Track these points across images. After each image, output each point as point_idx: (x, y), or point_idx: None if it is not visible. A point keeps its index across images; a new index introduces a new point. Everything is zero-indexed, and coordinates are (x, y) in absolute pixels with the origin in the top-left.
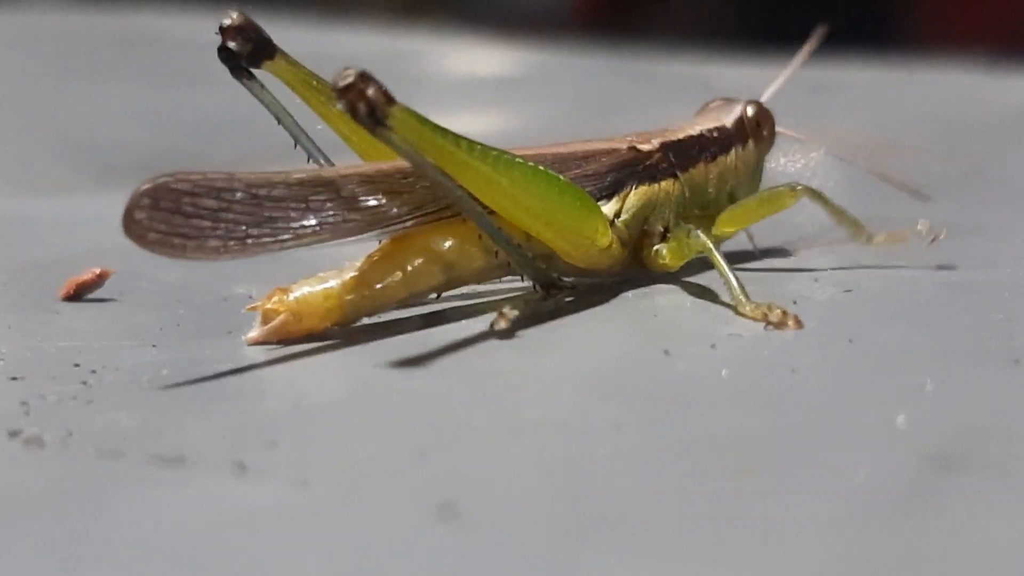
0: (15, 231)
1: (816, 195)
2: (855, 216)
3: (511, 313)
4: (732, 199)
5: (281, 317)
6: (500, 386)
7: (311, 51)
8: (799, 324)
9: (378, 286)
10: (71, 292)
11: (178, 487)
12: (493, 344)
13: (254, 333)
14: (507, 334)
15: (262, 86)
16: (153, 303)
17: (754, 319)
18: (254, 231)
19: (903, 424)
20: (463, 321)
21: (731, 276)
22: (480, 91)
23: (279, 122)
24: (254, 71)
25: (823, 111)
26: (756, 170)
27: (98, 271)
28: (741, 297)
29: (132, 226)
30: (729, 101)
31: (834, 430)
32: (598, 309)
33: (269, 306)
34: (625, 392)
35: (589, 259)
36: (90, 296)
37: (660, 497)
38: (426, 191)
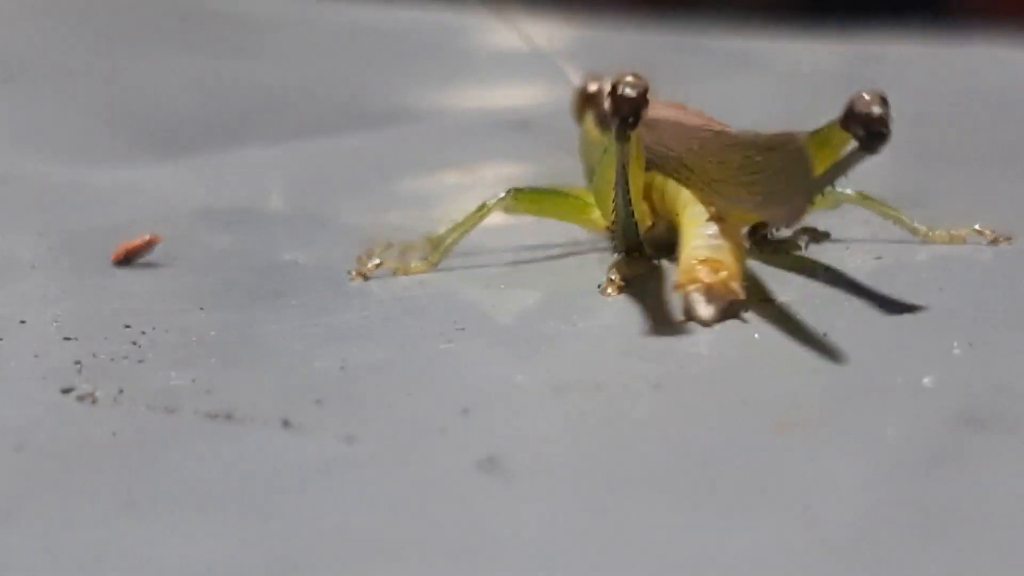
0: (70, 198)
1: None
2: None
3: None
4: None
5: (736, 286)
6: (540, 348)
7: (363, 26)
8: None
9: (742, 242)
10: (122, 256)
11: (228, 441)
12: (532, 307)
13: (709, 312)
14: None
15: None
16: (201, 268)
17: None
18: None
19: (933, 384)
20: (501, 285)
21: None
22: (529, 66)
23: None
24: None
25: (866, 83)
26: None
27: (148, 236)
28: None
29: None
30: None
31: (865, 390)
32: (638, 276)
33: (721, 280)
34: (662, 354)
35: None
36: (140, 260)
37: (697, 452)
38: None
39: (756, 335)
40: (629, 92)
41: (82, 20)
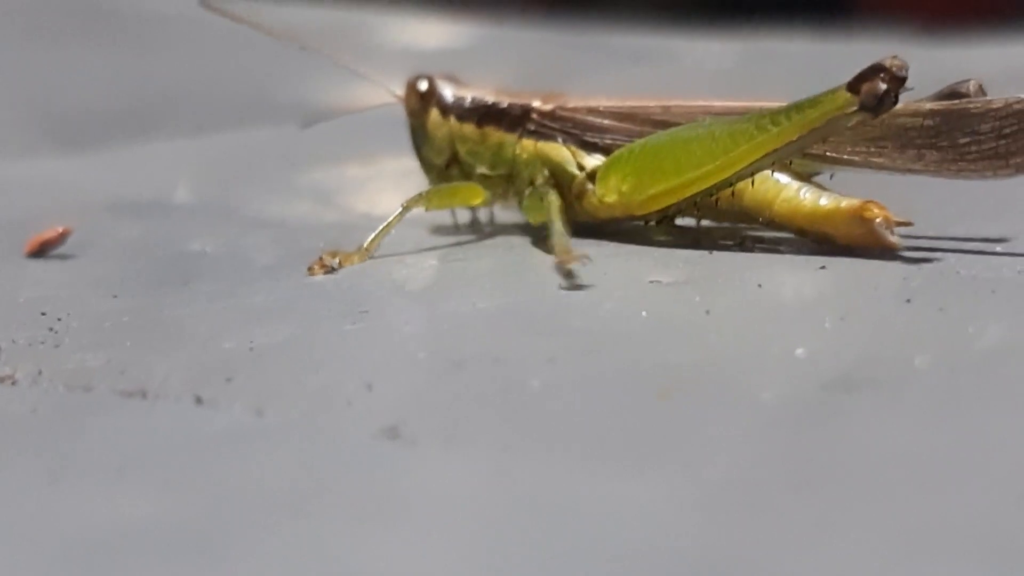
0: None
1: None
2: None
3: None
4: None
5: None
6: (442, 325)
7: (267, 23)
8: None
9: None
10: (35, 248)
11: (143, 415)
12: (434, 288)
13: (896, 238)
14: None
15: None
16: (113, 257)
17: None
18: None
19: (805, 355)
20: (404, 268)
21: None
22: (426, 64)
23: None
24: None
25: (764, 80)
26: None
27: (60, 228)
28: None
29: None
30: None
31: (743, 360)
32: (532, 257)
33: (890, 214)
34: (557, 330)
35: None
36: (54, 252)
37: (588, 418)
38: None
39: (644, 313)
40: (902, 73)
41: None
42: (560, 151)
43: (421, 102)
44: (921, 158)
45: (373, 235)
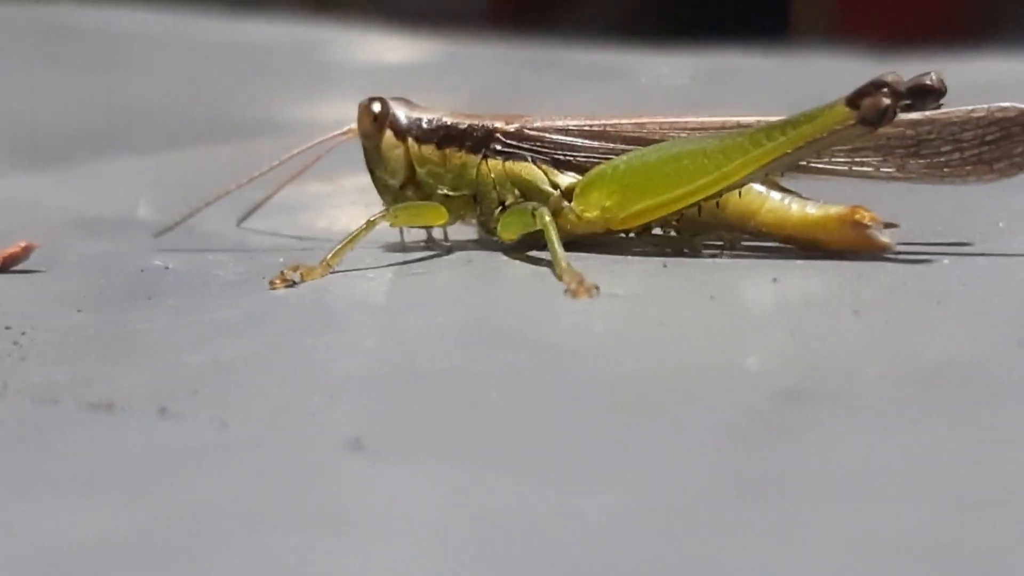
0: None
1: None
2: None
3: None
4: None
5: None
6: (404, 339)
7: (223, 41)
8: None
9: None
10: None
11: (109, 428)
12: (395, 301)
13: (889, 238)
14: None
15: None
16: (77, 273)
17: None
18: None
19: (757, 365)
20: (365, 283)
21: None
22: (386, 80)
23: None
24: None
25: (717, 96)
26: None
27: (24, 243)
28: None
29: None
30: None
31: (697, 372)
32: (490, 272)
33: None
34: (516, 344)
35: None
36: (17, 268)
37: (548, 430)
38: None
39: (600, 326)
40: (901, 88)
41: None
42: (532, 170)
43: (375, 124)
44: (904, 166)
45: (335, 249)
